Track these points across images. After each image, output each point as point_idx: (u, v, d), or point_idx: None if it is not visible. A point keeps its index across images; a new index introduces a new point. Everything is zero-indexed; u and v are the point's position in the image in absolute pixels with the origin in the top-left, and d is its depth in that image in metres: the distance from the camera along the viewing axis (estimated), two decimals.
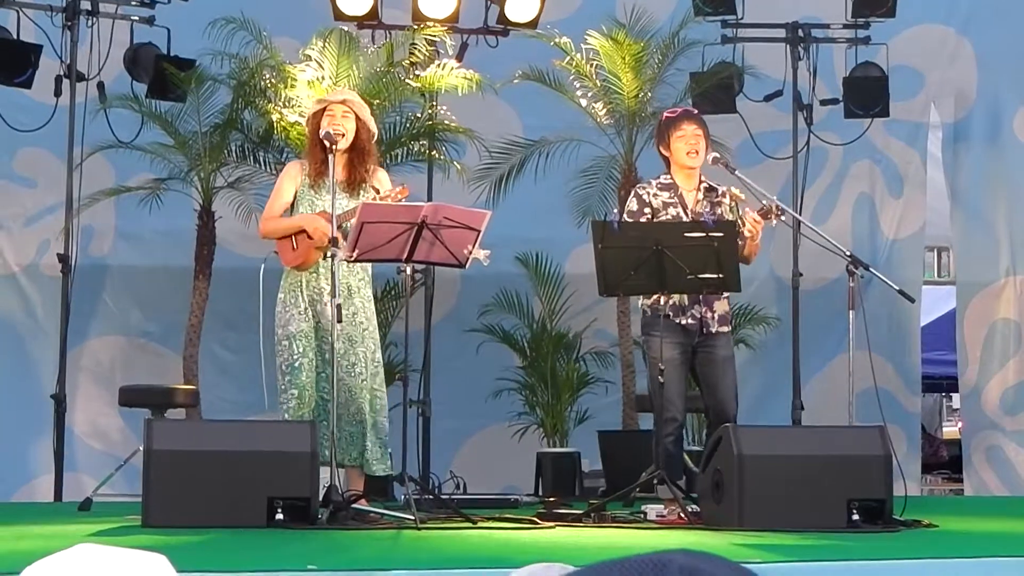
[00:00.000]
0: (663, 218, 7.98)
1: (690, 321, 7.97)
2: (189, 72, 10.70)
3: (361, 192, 7.87)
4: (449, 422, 11.24)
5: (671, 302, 7.92)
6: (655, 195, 8.04)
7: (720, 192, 8.06)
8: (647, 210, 8.01)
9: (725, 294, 8.02)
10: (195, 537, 6.51)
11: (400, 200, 7.82)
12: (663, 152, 8.13)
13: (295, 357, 7.80)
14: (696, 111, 8.35)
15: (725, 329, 8.09)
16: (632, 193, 8.19)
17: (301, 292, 7.85)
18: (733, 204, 8.04)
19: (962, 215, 12.83)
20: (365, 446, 7.82)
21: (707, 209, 8.01)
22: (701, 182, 8.08)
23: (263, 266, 7.98)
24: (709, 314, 7.98)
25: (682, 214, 7.99)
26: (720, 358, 8.01)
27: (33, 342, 11.51)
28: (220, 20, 10.57)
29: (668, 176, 8.10)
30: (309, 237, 7.78)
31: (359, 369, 7.86)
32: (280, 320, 7.90)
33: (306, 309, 7.83)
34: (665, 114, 8.32)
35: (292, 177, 7.96)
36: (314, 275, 7.83)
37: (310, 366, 7.78)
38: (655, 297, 7.92)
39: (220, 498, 6.89)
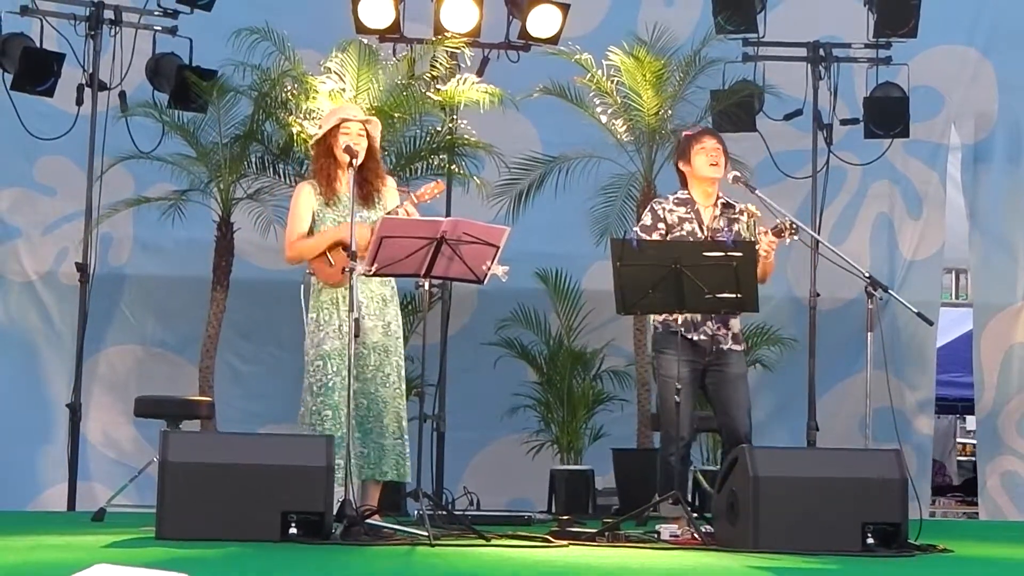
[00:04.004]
0: (678, 233, 7.99)
1: (702, 338, 7.97)
2: (211, 81, 10.73)
3: (376, 202, 7.86)
4: (462, 433, 11.24)
5: (683, 318, 7.91)
6: (671, 210, 8.06)
7: (738, 209, 8.07)
8: (661, 225, 8.02)
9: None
10: (209, 550, 6.50)
11: (437, 195, 7.85)
12: (682, 168, 8.14)
13: (329, 376, 7.76)
14: (715, 130, 8.40)
15: (739, 347, 8.08)
16: (648, 207, 8.20)
17: (337, 309, 7.81)
18: (751, 221, 8.03)
19: (980, 237, 12.81)
20: (403, 456, 7.82)
21: (724, 226, 8.01)
22: (719, 198, 8.09)
23: (302, 285, 7.95)
24: (723, 331, 7.99)
25: (697, 230, 7.99)
26: (732, 376, 8.00)
27: (49, 350, 11.54)
28: (244, 30, 10.58)
29: (685, 192, 8.11)
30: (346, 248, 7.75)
31: (393, 378, 7.87)
32: (313, 340, 7.83)
33: (340, 327, 7.77)
34: (685, 132, 8.36)
35: (307, 198, 7.92)
36: (350, 290, 7.80)
37: (343, 385, 7.74)
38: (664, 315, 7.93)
39: (234, 511, 6.87)
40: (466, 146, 11.06)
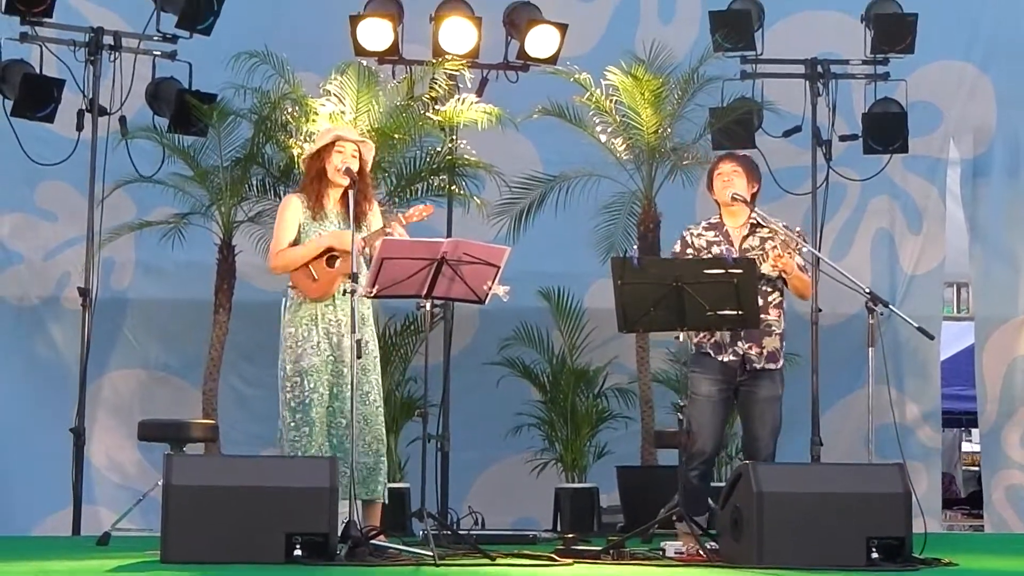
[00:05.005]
0: (706, 256, 8.05)
1: (731, 358, 8.00)
2: (212, 104, 10.77)
3: (362, 222, 7.89)
4: (467, 454, 11.24)
5: (712, 339, 7.97)
6: (699, 235, 8.17)
7: (769, 229, 8.08)
8: (689, 251, 8.14)
9: (777, 330, 8.05)
10: (214, 573, 6.52)
11: (425, 217, 7.88)
12: (712, 197, 8.27)
13: (307, 394, 7.79)
14: (742, 153, 8.50)
15: (772, 367, 8.09)
16: (679, 236, 8.26)
17: (316, 325, 7.84)
18: (786, 236, 7.99)
19: (981, 250, 12.83)
20: (378, 476, 7.83)
21: (757, 244, 8.06)
22: (749, 219, 8.14)
23: (285, 301, 7.97)
24: (754, 350, 8.02)
25: (726, 251, 8.04)
26: (760, 399, 8.05)
27: (52, 375, 11.53)
28: (243, 54, 10.62)
29: (717, 217, 8.20)
30: (330, 263, 7.77)
31: (373, 397, 7.87)
32: (291, 356, 7.86)
33: (319, 343, 7.82)
34: (713, 160, 8.50)
35: (295, 210, 7.96)
36: (330, 307, 7.84)
37: (320, 401, 7.77)
38: (701, 335, 7.97)
39: (239, 534, 6.88)
40: (466, 166, 11.09)
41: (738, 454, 10.17)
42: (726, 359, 8.02)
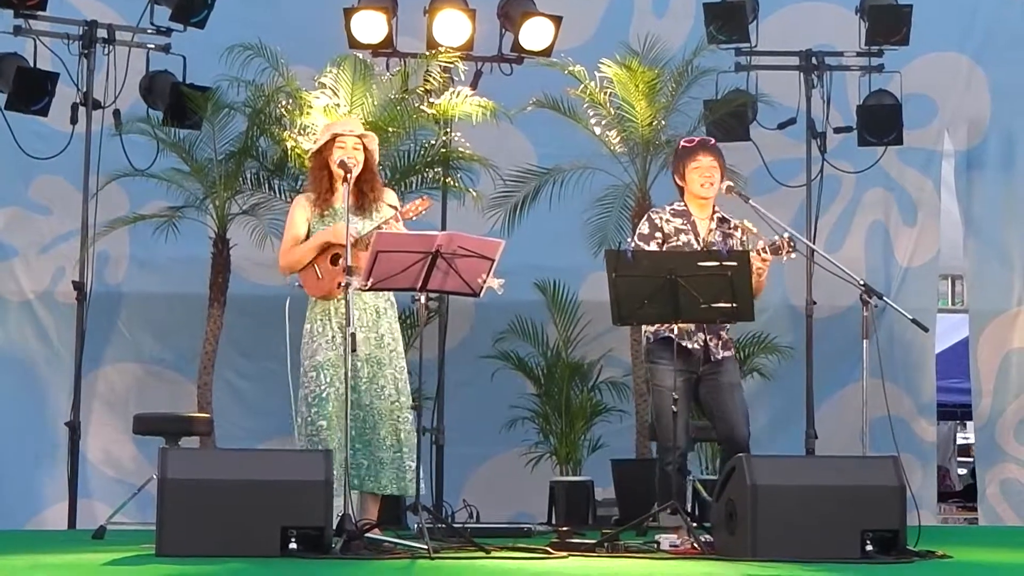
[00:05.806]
0: (674, 243, 8.00)
1: (696, 346, 7.97)
2: (207, 93, 10.76)
3: (374, 213, 7.90)
4: (462, 448, 11.24)
5: (678, 326, 7.92)
6: (668, 220, 8.06)
7: (732, 225, 8.08)
8: (658, 234, 8.03)
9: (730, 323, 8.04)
10: (209, 566, 6.52)
11: (423, 212, 7.89)
12: (678, 182, 8.15)
13: (322, 387, 7.80)
14: (713, 141, 8.35)
15: (729, 354, 8.08)
16: (645, 217, 8.21)
17: (329, 321, 7.86)
18: (744, 237, 8.04)
19: (975, 243, 12.83)
20: (403, 470, 7.82)
21: (719, 240, 8.03)
22: (715, 212, 8.11)
23: (288, 300, 7.96)
24: (714, 341, 7.99)
25: (694, 241, 8.00)
26: (726, 384, 7.99)
27: (47, 369, 11.55)
28: (237, 47, 10.61)
29: (682, 203, 8.12)
30: (334, 261, 7.78)
31: (388, 391, 7.89)
32: (307, 351, 7.90)
33: (333, 338, 7.83)
34: (682, 143, 8.27)
35: (304, 209, 7.99)
36: (342, 303, 7.83)
37: (336, 395, 7.77)
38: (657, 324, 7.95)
39: (234, 527, 6.88)
40: (461, 159, 11.09)
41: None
42: (689, 346, 7.97)
